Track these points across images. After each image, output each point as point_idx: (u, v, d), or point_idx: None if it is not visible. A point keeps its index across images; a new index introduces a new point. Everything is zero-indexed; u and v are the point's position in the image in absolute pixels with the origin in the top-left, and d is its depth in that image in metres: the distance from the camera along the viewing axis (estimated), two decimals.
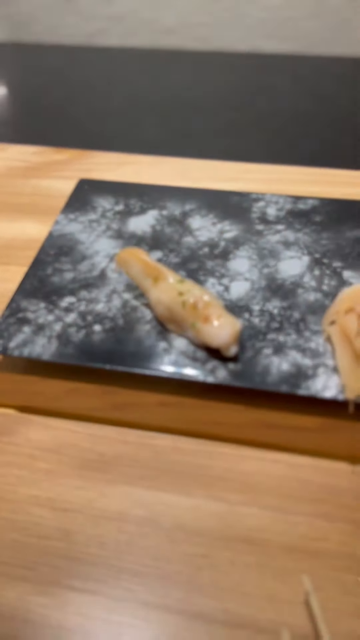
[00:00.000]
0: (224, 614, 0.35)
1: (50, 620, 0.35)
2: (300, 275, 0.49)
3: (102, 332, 0.45)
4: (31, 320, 0.46)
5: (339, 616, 0.34)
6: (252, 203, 0.57)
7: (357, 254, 0.51)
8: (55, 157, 0.71)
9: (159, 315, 0.45)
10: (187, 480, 0.41)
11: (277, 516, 0.39)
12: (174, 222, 0.55)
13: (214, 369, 0.42)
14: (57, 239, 0.54)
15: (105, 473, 0.42)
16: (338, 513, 0.39)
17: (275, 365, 0.42)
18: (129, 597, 0.36)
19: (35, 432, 0.44)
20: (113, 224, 0.56)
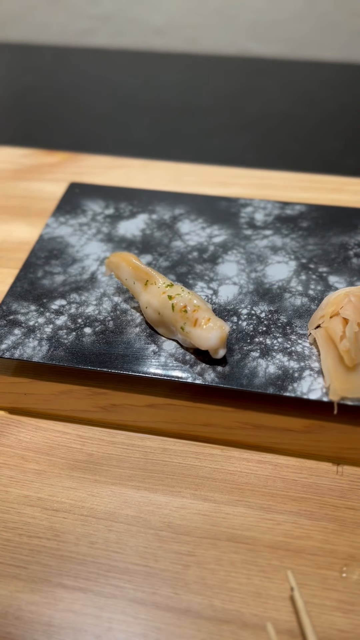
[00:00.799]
0: (211, 610, 0.36)
1: (41, 617, 0.36)
2: (287, 279, 0.50)
3: (92, 335, 0.46)
4: (22, 322, 0.47)
5: (321, 610, 0.35)
6: (241, 208, 0.58)
7: (343, 259, 0.52)
8: (46, 160, 0.71)
9: (148, 319, 0.46)
10: (176, 481, 0.42)
11: (263, 515, 0.40)
12: (164, 226, 0.56)
13: (202, 372, 0.43)
14: (48, 242, 0.55)
15: (95, 473, 0.42)
16: (321, 512, 0.40)
17: (263, 368, 0.43)
18: (118, 595, 0.37)
19: (26, 434, 0.45)
20: (103, 227, 0.56)
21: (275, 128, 1.17)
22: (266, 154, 1.08)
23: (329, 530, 0.39)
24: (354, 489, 0.41)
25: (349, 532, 0.39)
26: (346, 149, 1.09)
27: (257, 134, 1.15)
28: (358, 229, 0.54)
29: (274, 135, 1.14)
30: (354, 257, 0.52)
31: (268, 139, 1.13)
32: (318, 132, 1.15)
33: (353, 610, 0.35)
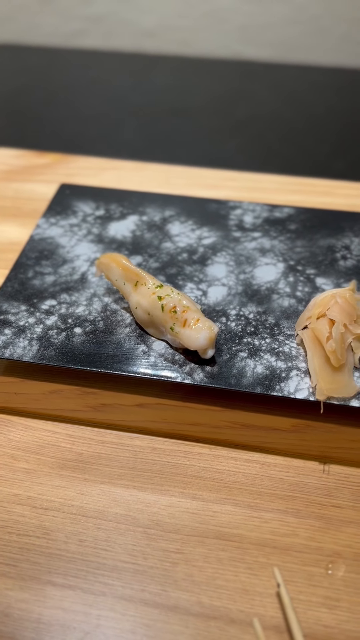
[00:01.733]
0: (199, 607, 0.36)
1: (30, 614, 0.36)
2: (275, 281, 0.51)
3: (82, 335, 0.46)
4: (12, 322, 0.47)
5: (307, 607, 0.36)
6: (230, 210, 0.58)
7: (330, 261, 0.53)
8: (37, 161, 0.72)
9: (138, 319, 0.47)
10: (164, 479, 0.42)
11: (250, 513, 0.40)
12: (154, 227, 0.57)
13: (191, 372, 0.44)
14: (38, 242, 0.55)
15: (84, 472, 0.43)
16: (307, 510, 0.40)
17: (251, 368, 0.44)
18: (106, 592, 0.37)
19: (15, 433, 0.45)
20: (94, 228, 0.57)
21: (265, 131, 1.18)
22: (256, 157, 1.08)
23: (315, 528, 0.39)
24: (340, 488, 0.41)
25: (335, 529, 0.39)
26: (335, 152, 1.10)
27: (247, 137, 1.15)
28: (345, 232, 0.55)
29: (263, 138, 1.15)
30: (341, 260, 0.53)
31: (258, 141, 1.14)
32: (307, 135, 1.16)
33: (338, 606, 0.36)
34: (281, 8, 1.43)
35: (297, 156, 1.08)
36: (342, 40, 1.46)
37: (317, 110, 1.25)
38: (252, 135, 1.16)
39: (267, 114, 1.23)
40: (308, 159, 1.07)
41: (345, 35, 1.45)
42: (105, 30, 1.53)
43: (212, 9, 1.46)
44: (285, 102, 1.29)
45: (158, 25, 1.50)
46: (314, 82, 1.38)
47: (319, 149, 1.10)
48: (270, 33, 1.46)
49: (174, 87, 1.37)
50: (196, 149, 1.10)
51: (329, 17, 1.43)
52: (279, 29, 1.46)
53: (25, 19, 1.54)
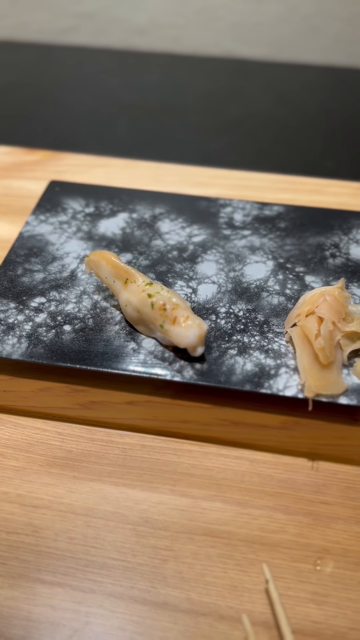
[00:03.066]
0: (188, 603, 0.36)
1: (19, 612, 0.36)
2: (264, 279, 0.51)
3: (72, 332, 0.46)
4: (1, 320, 0.47)
5: (296, 602, 0.36)
6: (220, 208, 0.58)
7: (319, 259, 0.53)
8: (27, 158, 0.71)
9: (128, 317, 0.47)
10: (154, 477, 0.42)
11: (239, 510, 0.40)
12: (144, 225, 0.57)
13: (181, 369, 0.44)
14: (28, 239, 0.55)
15: (74, 470, 0.43)
16: (296, 506, 0.41)
17: (240, 365, 0.44)
18: (96, 589, 0.37)
19: (5, 431, 0.45)
20: (83, 225, 0.56)
21: (256, 129, 1.18)
22: (247, 155, 1.09)
23: (303, 525, 0.40)
24: (328, 484, 0.42)
25: (323, 526, 0.40)
26: (326, 151, 1.11)
27: (238, 135, 1.15)
28: (335, 230, 0.56)
29: (254, 136, 1.15)
30: (330, 258, 0.53)
31: (249, 139, 1.14)
32: (298, 133, 1.17)
33: (326, 602, 0.36)
34: (273, 6, 1.43)
35: (288, 154, 1.09)
36: (334, 39, 1.46)
37: (309, 109, 1.25)
38: (244, 133, 1.16)
39: (258, 113, 1.23)
40: (299, 158, 1.08)
41: (337, 34, 1.45)
42: (96, 27, 1.52)
43: (204, 6, 1.46)
44: (277, 100, 1.29)
45: (150, 23, 1.50)
46: (306, 80, 1.39)
47: (311, 147, 1.11)
48: (263, 31, 1.47)
49: (165, 84, 1.36)
50: (187, 147, 1.10)
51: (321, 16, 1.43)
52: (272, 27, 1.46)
53: (16, 16, 1.53)
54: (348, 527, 0.39)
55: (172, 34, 1.49)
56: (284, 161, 1.06)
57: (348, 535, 0.39)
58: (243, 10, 1.42)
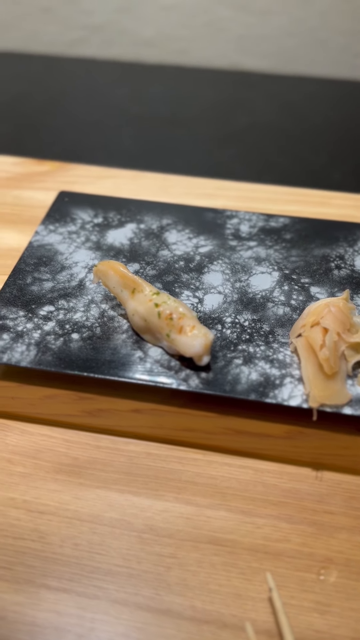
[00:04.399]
0: (192, 611, 0.36)
1: (24, 617, 0.36)
2: (270, 289, 0.52)
3: (79, 341, 0.47)
4: (10, 327, 0.48)
5: (299, 612, 0.36)
6: (227, 219, 0.59)
7: (324, 271, 0.53)
8: (36, 169, 0.72)
9: (135, 325, 0.47)
10: (159, 485, 0.43)
11: (243, 518, 0.41)
12: (151, 235, 0.58)
13: (186, 378, 0.44)
14: (37, 249, 0.56)
15: (80, 477, 0.43)
16: (300, 516, 0.41)
17: (245, 375, 0.44)
18: (100, 595, 0.37)
19: (12, 437, 0.46)
20: (92, 236, 0.57)
21: (262, 140, 1.19)
22: (253, 166, 1.10)
23: (307, 534, 0.40)
24: (332, 494, 0.42)
25: (327, 535, 0.40)
26: (331, 162, 1.12)
27: (244, 146, 1.17)
28: (340, 242, 0.56)
29: (260, 147, 1.17)
30: (335, 269, 0.53)
31: (255, 151, 1.16)
32: (304, 145, 1.18)
33: (329, 611, 0.36)
34: (279, 20, 1.45)
35: (293, 166, 1.10)
36: (339, 52, 1.48)
37: (314, 121, 1.27)
38: (250, 144, 1.17)
39: (264, 124, 1.24)
40: (305, 168, 1.09)
41: (342, 47, 1.47)
42: (105, 39, 1.54)
43: (210, 19, 1.48)
44: (282, 112, 1.31)
45: (157, 35, 1.52)
46: (311, 92, 1.40)
47: (316, 159, 1.12)
48: (269, 44, 1.48)
49: (172, 96, 1.38)
50: (193, 157, 1.11)
51: (326, 29, 1.45)
52: (277, 40, 1.48)
53: (28, 28, 1.56)
54: (352, 537, 0.40)
55: (179, 46, 1.51)
56: (289, 172, 1.07)
57: (352, 545, 0.39)
58: (249, 23, 1.44)
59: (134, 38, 1.55)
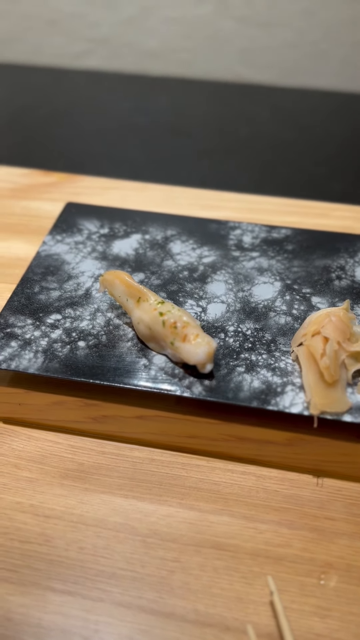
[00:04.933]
0: (194, 614, 0.37)
1: (30, 619, 0.37)
2: (272, 299, 0.53)
3: (85, 348, 0.48)
4: (19, 335, 0.49)
5: (300, 616, 0.37)
6: (230, 231, 0.60)
7: (325, 281, 0.54)
8: (43, 180, 0.74)
9: (140, 334, 0.48)
10: (163, 490, 0.43)
11: (245, 524, 0.41)
12: (156, 246, 0.59)
13: (190, 385, 0.45)
14: (45, 258, 0.57)
15: (85, 482, 0.44)
16: (301, 521, 0.42)
17: (247, 383, 0.45)
18: (105, 598, 0.38)
19: (19, 443, 0.47)
20: (98, 246, 0.59)
21: (264, 152, 1.21)
22: (256, 177, 1.11)
23: (308, 539, 0.41)
24: (332, 501, 0.43)
25: (327, 541, 0.40)
26: (332, 173, 1.13)
27: (247, 158, 1.18)
28: (340, 253, 0.57)
29: (263, 159, 1.18)
30: (335, 280, 0.54)
31: (257, 162, 1.17)
32: (306, 157, 1.19)
33: (330, 615, 0.37)
34: (282, 32, 1.47)
35: (296, 177, 1.11)
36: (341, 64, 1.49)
37: (316, 133, 1.28)
38: (252, 155, 1.19)
39: (267, 136, 1.26)
40: (307, 180, 1.10)
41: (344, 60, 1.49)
42: (110, 51, 1.57)
43: (214, 31, 1.50)
44: (284, 123, 1.32)
45: (161, 47, 1.54)
46: (314, 104, 1.42)
47: (317, 170, 1.13)
48: (271, 56, 1.50)
49: (176, 107, 1.40)
50: (197, 169, 1.12)
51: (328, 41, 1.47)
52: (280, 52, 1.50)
53: (33, 40, 1.58)
54: (352, 543, 0.40)
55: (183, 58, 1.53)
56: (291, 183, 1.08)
57: (352, 551, 0.40)
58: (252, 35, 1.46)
59: (138, 50, 1.57)
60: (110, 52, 1.56)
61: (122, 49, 1.55)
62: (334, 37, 1.44)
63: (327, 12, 1.41)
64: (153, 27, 1.50)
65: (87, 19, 1.50)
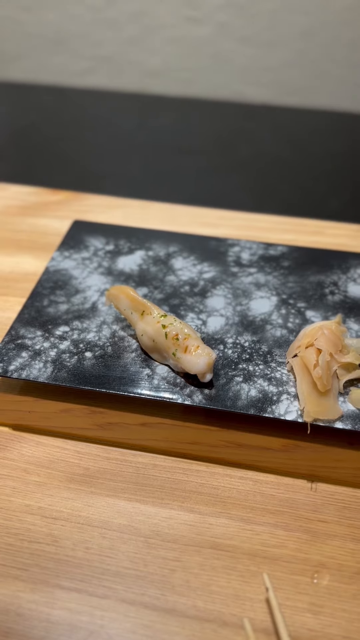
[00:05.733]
0: (194, 610, 0.39)
1: (39, 614, 0.39)
2: (269, 313, 0.55)
3: (92, 359, 0.50)
4: (29, 346, 0.51)
5: (294, 612, 0.39)
6: (229, 248, 0.63)
7: (319, 296, 0.57)
8: (51, 198, 0.77)
9: (143, 345, 0.51)
10: (164, 494, 0.45)
11: (243, 525, 0.43)
12: (159, 262, 0.62)
13: (191, 394, 0.48)
14: (53, 273, 0.60)
15: (91, 486, 0.46)
16: (295, 524, 0.44)
17: (245, 391, 0.48)
18: (110, 595, 0.40)
19: (28, 448, 0.49)
20: (104, 262, 0.61)
21: (263, 170, 1.24)
22: (254, 194, 1.14)
23: (302, 541, 0.43)
24: (326, 504, 0.45)
25: (321, 542, 0.42)
26: (329, 191, 1.16)
27: (247, 176, 1.21)
28: (334, 269, 0.60)
29: (262, 177, 1.21)
30: (329, 295, 0.57)
31: (256, 180, 1.20)
32: (304, 175, 1.22)
33: (322, 612, 0.39)
34: (282, 52, 1.50)
35: (294, 194, 1.14)
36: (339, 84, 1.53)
37: (314, 151, 1.31)
38: (251, 173, 1.22)
39: (266, 154, 1.29)
40: (304, 198, 1.13)
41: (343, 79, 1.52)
42: (112, 69, 1.60)
43: (216, 51, 1.53)
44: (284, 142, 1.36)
45: (163, 66, 1.58)
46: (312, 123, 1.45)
47: (315, 188, 1.16)
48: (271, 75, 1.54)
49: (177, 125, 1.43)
50: (197, 186, 1.16)
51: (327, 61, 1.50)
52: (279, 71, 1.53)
53: (38, 58, 1.62)
54: (343, 544, 0.42)
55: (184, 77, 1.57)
56: (289, 200, 1.11)
57: (343, 552, 0.42)
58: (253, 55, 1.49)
59: (140, 69, 1.61)
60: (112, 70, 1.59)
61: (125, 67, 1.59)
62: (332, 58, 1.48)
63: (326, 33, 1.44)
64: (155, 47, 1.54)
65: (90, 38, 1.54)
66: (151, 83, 1.57)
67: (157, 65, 1.56)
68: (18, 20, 1.55)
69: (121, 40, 1.53)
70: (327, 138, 1.38)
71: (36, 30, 1.56)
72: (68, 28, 1.53)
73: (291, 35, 1.45)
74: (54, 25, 1.53)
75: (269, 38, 1.46)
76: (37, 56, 1.60)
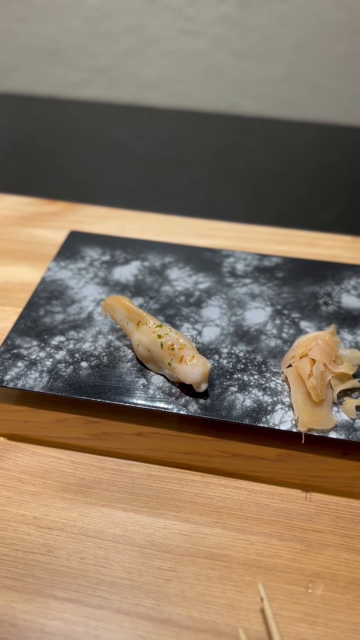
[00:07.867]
0: (189, 620, 0.39)
1: (34, 625, 0.39)
2: (263, 323, 0.56)
3: (88, 369, 0.51)
4: (25, 356, 0.52)
5: (288, 622, 0.39)
6: (224, 258, 0.64)
7: (313, 307, 0.58)
8: (47, 209, 0.78)
9: (139, 355, 0.51)
10: (159, 504, 0.46)
11: (237, 535, 0.44)
12: (155, 272, 0.62)
13: (186, 403, 0.48)
14: (49, 284, 0.60)
15: (86, 496, 0.46)
16: (290, 533, 0.44)
17: (240, 401, 0.48)
18: (105, 605, 0.40)
19: (23, 458, 0.49)
20: (100, 272, 0.62)
21: (257, 181, 1.25)
22: (249, 206, 1.15)
23: (296, 550, 0.43)
24: (320, 514, 0.45)
25: (315, 552, 0.43)
26: (323, 203, 1.18)
27: (240, 187, 1.23)
28: (328, 280, 0.61)
29: (256, 189, 1.23)
30: (323, 305, 0.58)
31: (251, 191, 1.21)
32: (298, 187, 1.24)
33: (316, 622, 0.39)
34: (276, 65, 1.53)
35: (287, 207, 1.16)
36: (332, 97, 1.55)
37: (308, 164, 1.33)
38: (246, 185, 1.23)
39: (260, 166, 1.31)
40: (298, 209, 1.14)
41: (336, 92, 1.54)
42: (109, 81, 1.62)
43: (211, 63, 1.55)
44: (278, 155, 1.37)
45: (159, 78, 1.60)
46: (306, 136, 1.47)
47: (308, 200, 1.18)
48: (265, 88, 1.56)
49: (172, 137, 1.45)
50: (193, 198, 1.17)
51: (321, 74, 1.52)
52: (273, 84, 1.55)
53: (34, 70, 1.64)
54: (338, 554, 0.43)
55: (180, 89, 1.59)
56: (283, 212, 1.13)
57: (338, 561, 0.42)
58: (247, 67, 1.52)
59: (136, 80, 1.63)
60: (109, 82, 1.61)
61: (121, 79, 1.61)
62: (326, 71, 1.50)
63: (320, 47, 1.47)
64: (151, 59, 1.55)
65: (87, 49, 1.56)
66: (147, 95, 1.59)
67: (153, 77, 1.58)
68: (15, 31, 1.56)
69: (117, 52, 1.55)
70: (320, 150, 1.40)
71: (33, 41, 1.57)
72: (65, 40, 1.55)
73: (285, 48, 1.47)
74: (51, 37, 1.55)
75: (263, 51, 1.49)
76: (34, 67, 1.62)
